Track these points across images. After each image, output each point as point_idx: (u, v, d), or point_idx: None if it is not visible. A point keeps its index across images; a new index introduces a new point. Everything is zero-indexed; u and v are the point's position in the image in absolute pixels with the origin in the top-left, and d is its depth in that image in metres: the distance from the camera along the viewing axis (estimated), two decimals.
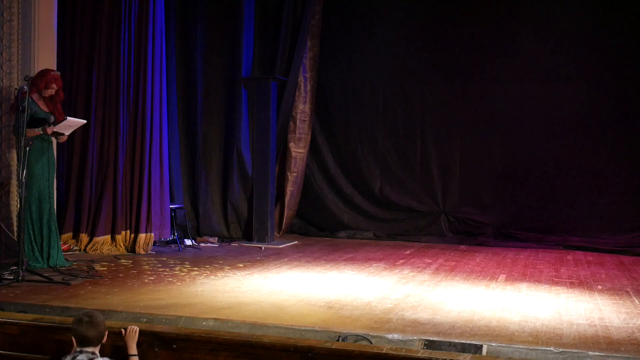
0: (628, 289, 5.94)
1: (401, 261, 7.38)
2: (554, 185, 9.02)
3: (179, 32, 8.83)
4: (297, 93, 9.29)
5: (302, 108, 9.40)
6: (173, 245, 8.01)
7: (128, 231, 7.56)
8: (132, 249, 7.48)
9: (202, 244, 8.34)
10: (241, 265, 6.88)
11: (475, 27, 9.20)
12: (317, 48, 9.49)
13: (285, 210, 9.44)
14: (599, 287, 6.03)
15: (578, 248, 8.49)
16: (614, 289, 5.92)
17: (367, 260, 7.42)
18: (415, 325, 4.51)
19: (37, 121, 6.21)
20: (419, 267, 6.95)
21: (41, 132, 6.19)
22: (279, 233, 9.35)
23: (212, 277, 6.18)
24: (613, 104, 8.84)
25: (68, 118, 6.29)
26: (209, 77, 8.98)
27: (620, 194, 8.80)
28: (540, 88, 9.00)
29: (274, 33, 9.18)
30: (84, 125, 7.20)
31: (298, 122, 9.35)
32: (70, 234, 7.53)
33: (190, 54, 8.91)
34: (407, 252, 8.15)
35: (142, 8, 7.59)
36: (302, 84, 9.31)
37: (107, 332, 3.72)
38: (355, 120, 9.85)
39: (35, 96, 6.28)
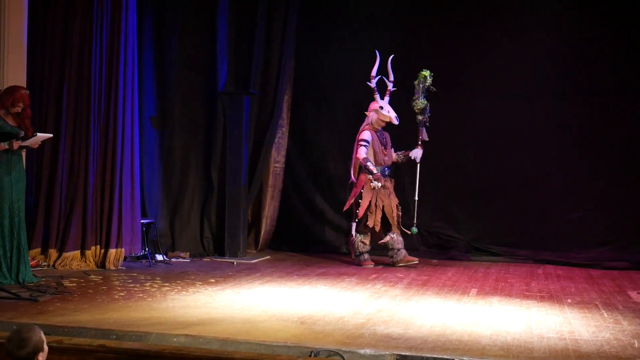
0: (597, 302, 6.02)
1: (373, 276, 7.39)
2: (525, 199, 9.10)
3: (154, 46, 8.76)
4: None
5: (279, 122, 9.38)
6: (144, 261, 7.92)
7: (98, 246, 7.46)
8: (102, 264, 7.39)
9: (173, 259, 8.26)
10: (213, 280, 6.84)
11: (449, 44, 9.28)
12: (292, 63, 9.52)
13: (263, 225, 9.41)
14: (569, 300, 6.10)
15: (548, 262, 8.58)
16: (583, 303, 6.00)
17: (339, 275, 7.42)
18: (387, 340, 4.52)
19: (2, 135, 6.18)
20: (391, 282, 6.96)
21: (7, 147, 6.16)
22: (255, 249, 9.31)
23: (184, 292, 6.13)
24: (585, 120, 8.95)
25: (37, 134, 6.33)
26: (185, 91, 8.92)
27: (591, 208, 8.91)
28: (512, 103, 9.06)
29: (248, 48, 9.19)
30: (54, 139, 7.17)
31: (275, 137, 9.32)
32: (38, 250, 7.39)
33: (166, 68, 8.83)
34: (380, 266, 8.16)
35: (114, 22, 7.54)
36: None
37: (44, 349, 3.29)
38: (328, 136, 9.86)
39: (1, 112, 6.26)
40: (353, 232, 8.28)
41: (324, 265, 8.16)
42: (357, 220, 8.18)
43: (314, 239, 9.68)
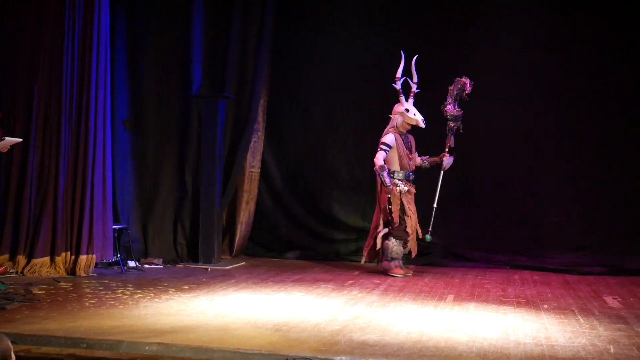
0: (573, 308, 6.08)
1: (350, 282, 7.40)
2: (502, 204, 9.16)
3: (127, 46, 8.67)
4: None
5: (255, 127, 9.36)
6: (116, 267, 7.86)
7: (68, 252, 7.39)
8: (72, 271, 7.32)
9: (146, 266, 8.21)
10: (186, 287, 6.79)
11: (427, 48, 9.29)
12: (268, 65, 9.50)
13: (238, 231, 9.37)
14: (545, 306, 6.16)
15: (525, 267, 8.65)
16: (559, 308, 6.06)
17: (315, 281, 7.42)
18: (363, 346, 4.53)
19: None
20: (367, 288, 6.98)
21: None
22: (230, 255, 9.27)
23: (156, 299, 6.08)
24: (560, 125, 9.05)
25: (6, 138, 6.27)
26: (159, 93, 8.84)
27: (567, 214, 9.00)
28: (488, 107, 9.11)
29: (224, 49, 9.15)
30: (23, 142, 7.08)
31: (251, 141, 9.29)
32: (6, 256, 7.31)
33: (139, 69, 8.76)
34: (356, 272, 8.18)
35: (86, 22, 7.50)
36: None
37: (12, 358, 3.26)
38: (304, 139, 9.86)
39: None
40: (380, 237, 7.97)
41: (299, 272, 8.15)
42: (392, 225, 7.91)
43: (289, 244, 9.67)
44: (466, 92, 8.08)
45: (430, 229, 8.13)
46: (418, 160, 8.28)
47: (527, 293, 6.90)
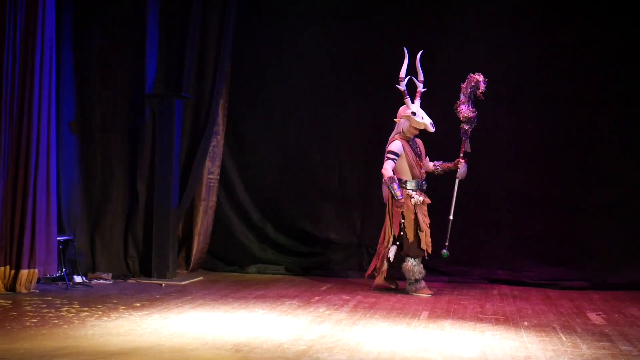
0: (555, 325, 6.16)
1: (316, 298, 7.40)
2: (480, 217, 9.25)
3: (74, 42, 8.59)
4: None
5: (215, 129, 9.31)
6: (60, 283, 7.78)
7: (8, 267, 7.28)
8: (12, 287, 7.22)
9: (94, 281, 8.13)
10: (138, 304, 6.74)
11: (399, 47, 9.35)
12: (229, 63, 9.47)
13: (195, 243, 9.32)
14: (525, 323, 6.23)
15: (504, 282, 8.75)
16: (540, 325, 6.13)
17: (279, 297, 7.41)
18: None
19: None
20: (335, 305, 6.98)
21: None
22: (186, 269, 9.23)
23: (105, 318, 6.02)
24: (541, 136, 9.19)
25: None
26: (110, 94, 8.76)
27: (547, 226, 9.13)
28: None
29: (180, 45, 9.10)
30: None
31: (210, 145, 9.24)
32: None
33: (88, 68, 8.67)
34: (323, 288, 8.19)
35: (29, 19, 7.40)
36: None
37: None
38: (268, 143, 9.85)
39: None
40: (391, 255, 7.80)
41: (262, 287, 8.14)
42: (405, 243, 7.76)
43: (251, 258, 9.63)
44: (480, 90, 7.88)
45: (447, 244, 7.97)
46: (430, 165, 8.12)
47: (506, 309, 6.97)
